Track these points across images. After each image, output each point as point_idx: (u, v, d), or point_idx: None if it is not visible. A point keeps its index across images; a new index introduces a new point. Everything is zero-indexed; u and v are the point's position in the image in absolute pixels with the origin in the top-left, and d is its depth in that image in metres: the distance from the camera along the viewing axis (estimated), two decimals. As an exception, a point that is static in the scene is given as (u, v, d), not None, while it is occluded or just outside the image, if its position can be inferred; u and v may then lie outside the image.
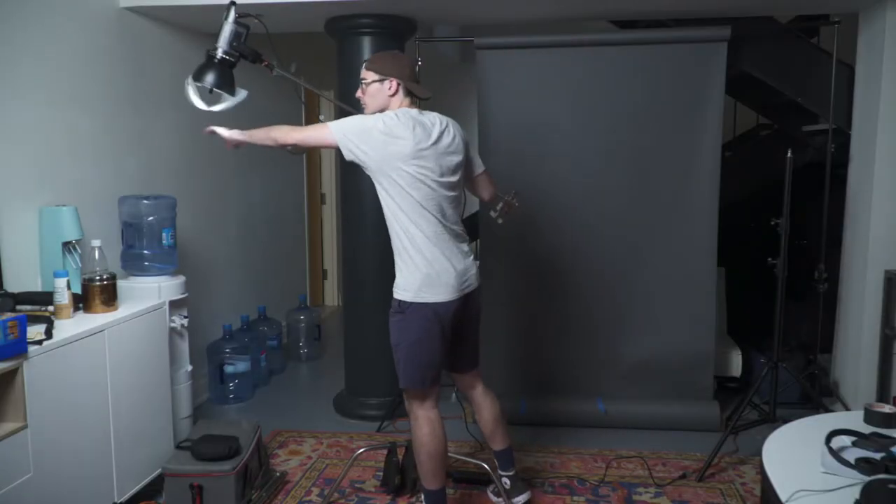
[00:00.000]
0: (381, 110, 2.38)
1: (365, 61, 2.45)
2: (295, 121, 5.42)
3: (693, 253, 3.49)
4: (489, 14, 3.69)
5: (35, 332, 2.27)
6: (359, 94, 2.44)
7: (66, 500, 2.34)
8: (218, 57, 2.38)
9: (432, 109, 2.45)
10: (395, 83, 2.38)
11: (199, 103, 2.45)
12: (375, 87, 2.39)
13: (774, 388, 3.18)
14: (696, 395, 3.54)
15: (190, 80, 2.41)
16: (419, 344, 2.37)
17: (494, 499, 2.82)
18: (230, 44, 2.38)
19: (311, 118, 5.77)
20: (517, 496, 2.72)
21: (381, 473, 2.93)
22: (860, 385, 3.55)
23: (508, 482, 2.75)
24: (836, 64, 3.63)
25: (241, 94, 2.47)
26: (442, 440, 2.45)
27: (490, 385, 2.70)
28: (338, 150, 2.32)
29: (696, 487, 2.93)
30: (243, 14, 2.38)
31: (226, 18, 2.37)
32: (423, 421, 2.43)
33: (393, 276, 2.41)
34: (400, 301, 2.37)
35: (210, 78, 2.37)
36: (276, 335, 4.55)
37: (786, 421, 2.05)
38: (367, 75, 2.40)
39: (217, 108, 2.48)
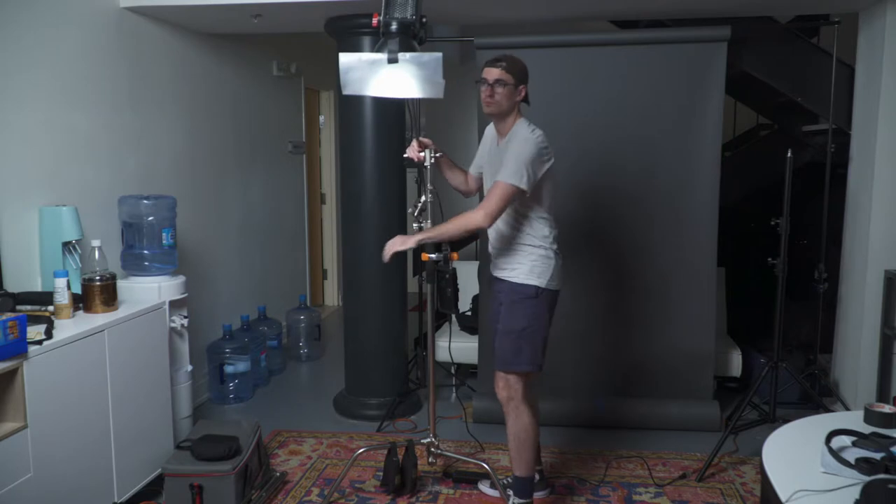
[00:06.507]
0: (507, 112, 2.47)
1: (497, 62, 2.43)
2: (294, 119, 5.42)
3: (693, 253, 3.49)
4: (489, 14, 3.69)
5: (35, 332, 2.27)
6: (488, 92, 2.43)
7: (66, 500, 2.34)
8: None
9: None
10: (524, 90, 2.48)
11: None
12: (510, 90, 2.44)
13: (774, 388, 3.18)
14: (696, 395, 3.54)
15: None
16: (543, 329, 2.54)
17: (489, 491, 2.86)
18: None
19: (312, 117, 5.77)
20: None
21: (381, 473, 2.93)
22: (860, 385, 3.55)
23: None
24: (836, 64, 3.63)
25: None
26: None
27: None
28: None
29: (696, 487, 2.93)
30: None
31: None
32: (528, 408, 2.56)
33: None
34: (536, 287, 2.50)
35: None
36: (276, 335, 4.55)
37: (786, 421, 2.05)
38: (507, 78, 2.42)
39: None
